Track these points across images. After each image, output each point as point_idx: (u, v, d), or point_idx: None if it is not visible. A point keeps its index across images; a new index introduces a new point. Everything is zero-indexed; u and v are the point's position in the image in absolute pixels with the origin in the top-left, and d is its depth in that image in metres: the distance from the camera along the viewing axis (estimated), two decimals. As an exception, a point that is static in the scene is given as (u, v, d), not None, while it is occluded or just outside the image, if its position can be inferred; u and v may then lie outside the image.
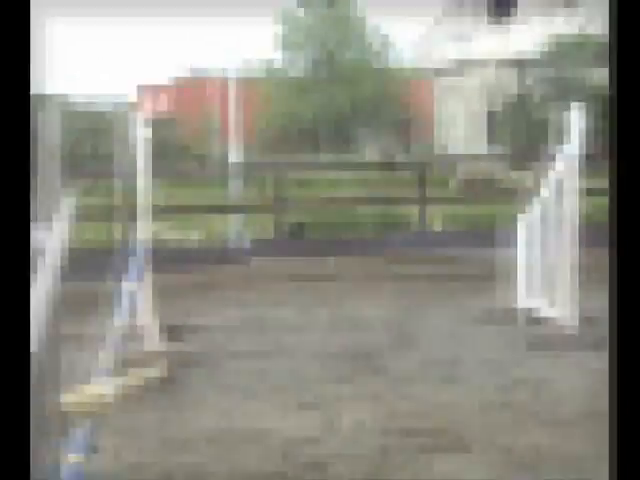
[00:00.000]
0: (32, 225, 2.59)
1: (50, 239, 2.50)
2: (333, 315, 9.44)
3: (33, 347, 2.27)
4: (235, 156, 16.19)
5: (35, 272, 2.50)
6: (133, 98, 36.71)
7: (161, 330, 7.95)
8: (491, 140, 30.13)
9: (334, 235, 14.58)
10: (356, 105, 31.71)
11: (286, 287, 10.89)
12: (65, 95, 34.47)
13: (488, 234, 12.19)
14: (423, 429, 5.78)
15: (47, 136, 2.57)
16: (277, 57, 34.50)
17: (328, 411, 6.14)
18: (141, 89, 34.85)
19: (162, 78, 36.64)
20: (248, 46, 62.02)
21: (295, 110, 31.17)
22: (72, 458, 3.59)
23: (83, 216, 3.45)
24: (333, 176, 22.92)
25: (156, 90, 34.53)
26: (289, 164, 16.62)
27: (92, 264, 10.18)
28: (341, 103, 31.43)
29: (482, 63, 31.07)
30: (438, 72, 33.76)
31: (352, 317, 9.30)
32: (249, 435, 5.76)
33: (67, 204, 2.67)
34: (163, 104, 33.94)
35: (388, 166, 23.13)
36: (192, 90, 33.78)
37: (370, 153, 28.21)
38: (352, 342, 8.20)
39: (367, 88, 31.96)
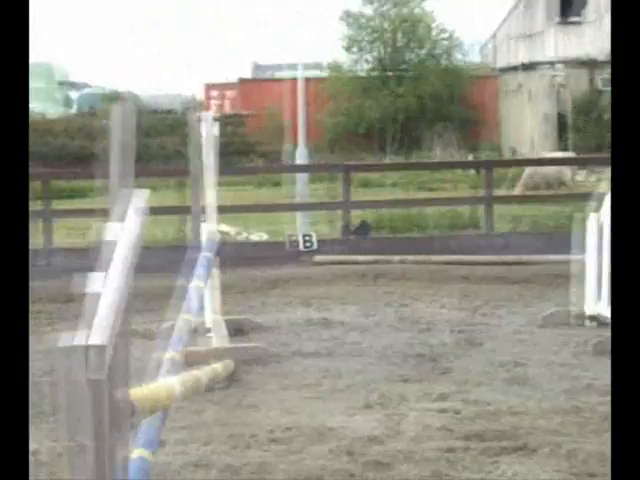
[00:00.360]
0: (109, 219, 2.61)
1: (123, 234, 2.52)
2: (398, 315, 9.39)
3: (105, 341, 2.29)
4: (301, 155, 16.23)
5: (108, 267, 2.52)
6: (200, 96, 37.01)
7: (226, 327, 8.00)
8: (559, 141, 29.78)
9: (400, 234, 14.51)
10: (422, 104, 31.58)
11: (351, 286, 10.85)
12: (132, 92, 34.94)
13: (557, 236, 12.04)
14: (489, 431, 5.72)
15: (121, 132, 2.60)
16: (343, 56, 34.48)
17: (394, 411, 6.11)
18: (208, 87, 35.09)
19: (229, 76, 36.84)
20: (315, 45, 62.16)
21: (361, 109, 31.13)
22: (138, 452, 3.60)
23: (152, 213, 3.48)
24: (399, 175, 22.86)
25: (223, 88, 34.75)
26: (356, 165, 16.55)
27: (160, 260, 10.27)
28: (407, 102, 31.32)
29: (551, 63, 30.75)
30: (506, 71, 33.49)
31: (417, 317, 9.24)
32: (314, 433, 5.75)
33: (140, 199, 2.69)
34: (230, 102, 34.15)
35: (454, 165, 23.01)
36: (258, 89, 33.90)
37: (436, 153, 28.07)
38: (418, 342, 8.15)
39: (433, 87, 31.82)
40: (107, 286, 2.44)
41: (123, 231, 2.58)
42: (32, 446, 5.67)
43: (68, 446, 2.42)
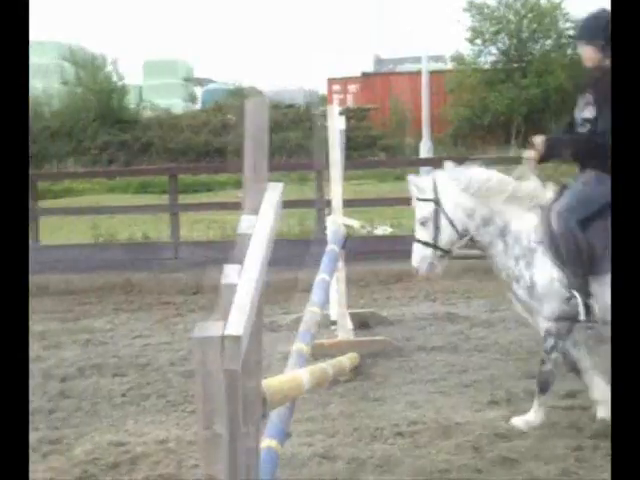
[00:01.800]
0: (243, 212, 2.64)
1: (258, 227, 2.55)
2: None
3: (241, 332, 2.32)
4: (425, 148, 16.14)
5: (243, 259, 2.55)
6: (322, 91, 37.17)
7: (351, 321, 8.02)
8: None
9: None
10: (548, 97, 31.00)
11: (476, 280, 10.74)
12: (255, 87, 35.34)
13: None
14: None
15: (255, 127, 2.62)
16: (467, 48, 34.11)
17: (520, 408, 6.02)
18: (330, 82, 35.20)
19: (351, 70, 36.90)
20: (437, 37, 61.74)
21: (486, 102, 30.74)
22: (267, 443, 3.64)
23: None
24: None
25: (345, 82, 34.80)
26: (480, 158, 16.33)
27: (284, 253, 10.37)
28: (532, 95, 30.79)
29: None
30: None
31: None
32: (440, 428, 5.72)
33: (275, 193, 2.72)
34: (352, 96, 34.19)
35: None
36: (381, 82, 33.83)
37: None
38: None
39: (559, 79, 31.20)
40: (243, 278, 2.47)
41: (258, 224, 2.61)
42: (161, 434, 5.81)
43: (203, 435, 2.46)
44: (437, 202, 5.80)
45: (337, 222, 7.72)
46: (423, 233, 5.88)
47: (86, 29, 73.45)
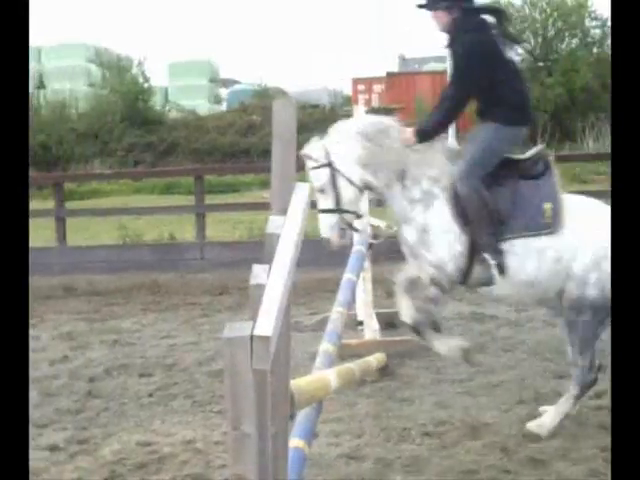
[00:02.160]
0: (271, 213, 2.65)
1: (287, 227, 2.55)
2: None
3: (270, 332, 2.32)
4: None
5: (272, 259, 2.55)
6: (347, 91, 37.17)
7: (378, 320, 8.02)
8: None
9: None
10: (574, 96, 30.85)
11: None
12: (280, 88, 35.39)
13: None
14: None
15: (283, 127, 2.61)
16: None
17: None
18: (355, 82, 35.17)
19: (376, 70, 36.88)
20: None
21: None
22: (295, 443, 3.64)
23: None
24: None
25: (370, 82, 34.77)
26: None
27: (309, 254, 10.37)
28: (558, 94, 30.64)
29: None
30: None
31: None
32: (467, 428, 5.71)
33: (302, 193, 2.72)
34: (377, 96, 34.16)
35: (608, 157, 22.40)
36: (406, 82, 33.78)
37: (588, 144, 27.40)
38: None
39: (585, 78, 31.03)
40: (272, 278, 2.48)
41: (287, 224, 2.61)
42: (188, 435, 5.83)
43: (231, 435, 2.47)
44: (330, 165, 5.64)
45: (363, 222, 7.71)
46: (325, 201, 5.73)
47: (112, 31, 73.83)
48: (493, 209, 5.50)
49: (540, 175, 5.66)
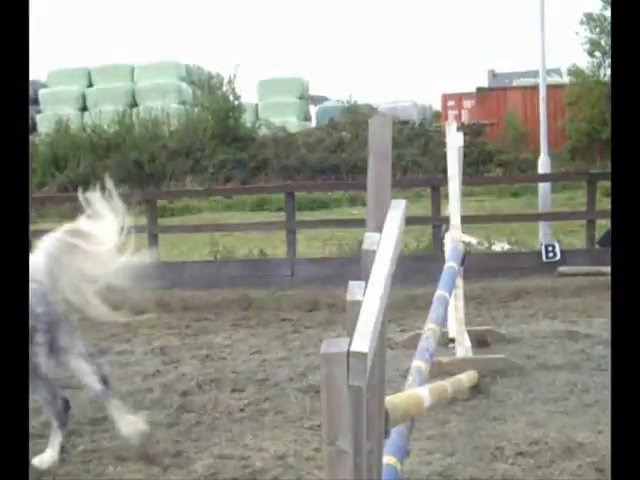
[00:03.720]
0: (366, 229, 2.65)
1: (384, 243, 2.55)
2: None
3: (366, 349, 2.32)
4: (544, 164, 15.90)
5: (368, 276, 2.55)
6: (437, 106, 37.05)
7: (470, 338, 7.95)
8: None
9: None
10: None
11: (597, 298, 10.51)
12: (369, 104, 35.42)
13: None
14: None
15: (378, 143, 2.63)
16: (584, 60, 33.52)
17: (645, 429, 5.86)
18: (445, 97, 35.06)
19: (466, 86, 36.73)
20: (552, 51, 60.86)
21: (604, 115, 30.15)
22: (388, 460, 3.63)
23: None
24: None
25: (460, 98, 34.62)
26: (601, 173, 16.02)
27: (401, 270, 10.36)
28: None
29: None
30: None
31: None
32: (562, 448, 5.61)
33: (398, 210, 2.71)
34: (467, 112, 33.98)
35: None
36: (496, 97, 33.54)
37: None
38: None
39: None
40: (369, 294, 2.48)
41: (383, 241, 2.61)
42: (279, 450, 5.85)
43: (327, 451, 2.47)
44: None
45: (456, 239, 7.67)
46: None
47: (203, 49, 74.95)
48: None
49: None
